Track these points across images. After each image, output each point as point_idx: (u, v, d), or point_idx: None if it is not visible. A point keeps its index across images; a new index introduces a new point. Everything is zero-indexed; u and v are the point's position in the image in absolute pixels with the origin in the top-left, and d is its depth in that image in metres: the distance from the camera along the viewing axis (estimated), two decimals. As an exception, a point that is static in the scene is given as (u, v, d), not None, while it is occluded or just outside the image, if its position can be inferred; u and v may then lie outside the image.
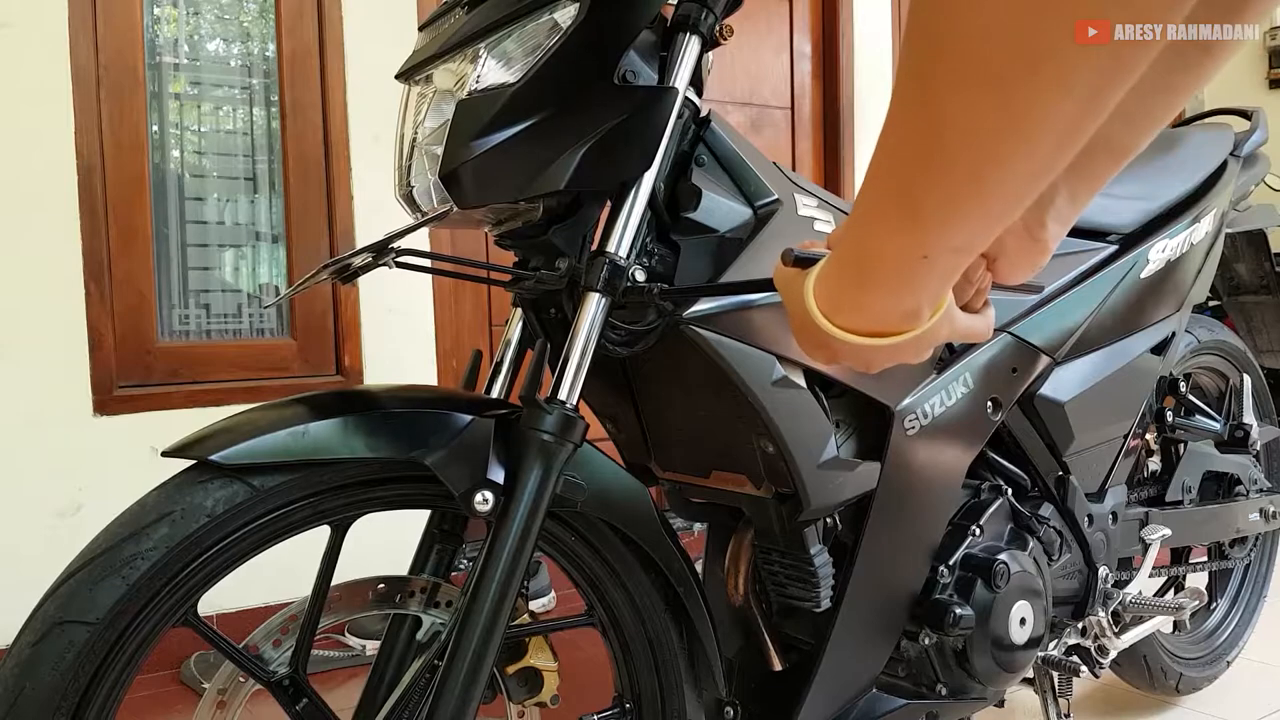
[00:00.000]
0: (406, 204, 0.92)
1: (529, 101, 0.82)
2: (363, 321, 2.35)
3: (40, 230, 1.97)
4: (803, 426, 0.96)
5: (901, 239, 0.53)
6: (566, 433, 0.83)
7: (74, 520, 1.99)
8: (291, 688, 0.84)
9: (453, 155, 0.83)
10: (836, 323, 0.61)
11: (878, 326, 0.60)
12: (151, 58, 2.14)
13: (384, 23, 2.33)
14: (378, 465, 0.82)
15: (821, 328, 0.61)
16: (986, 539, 1.15)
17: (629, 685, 0.99)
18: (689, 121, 0.93)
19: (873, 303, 0.59)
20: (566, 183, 0.84)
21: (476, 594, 0.81)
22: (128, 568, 0.73)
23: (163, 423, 2.09)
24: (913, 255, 0.53)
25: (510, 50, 0.84)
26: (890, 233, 0.53)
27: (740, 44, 3.10)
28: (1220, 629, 1.82)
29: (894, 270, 0.55)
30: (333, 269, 0.89)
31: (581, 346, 0.85)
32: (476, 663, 0.81)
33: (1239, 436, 1.66)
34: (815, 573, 1.02)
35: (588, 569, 0.95)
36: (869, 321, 0.60)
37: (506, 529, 0.82)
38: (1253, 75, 4.23)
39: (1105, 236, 1.31)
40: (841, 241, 0.59)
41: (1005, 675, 1.14)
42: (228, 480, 0.76)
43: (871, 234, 0.55)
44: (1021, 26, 0.40)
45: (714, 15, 0.89)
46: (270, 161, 2.29)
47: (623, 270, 0.86)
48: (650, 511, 0.94)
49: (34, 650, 0.70)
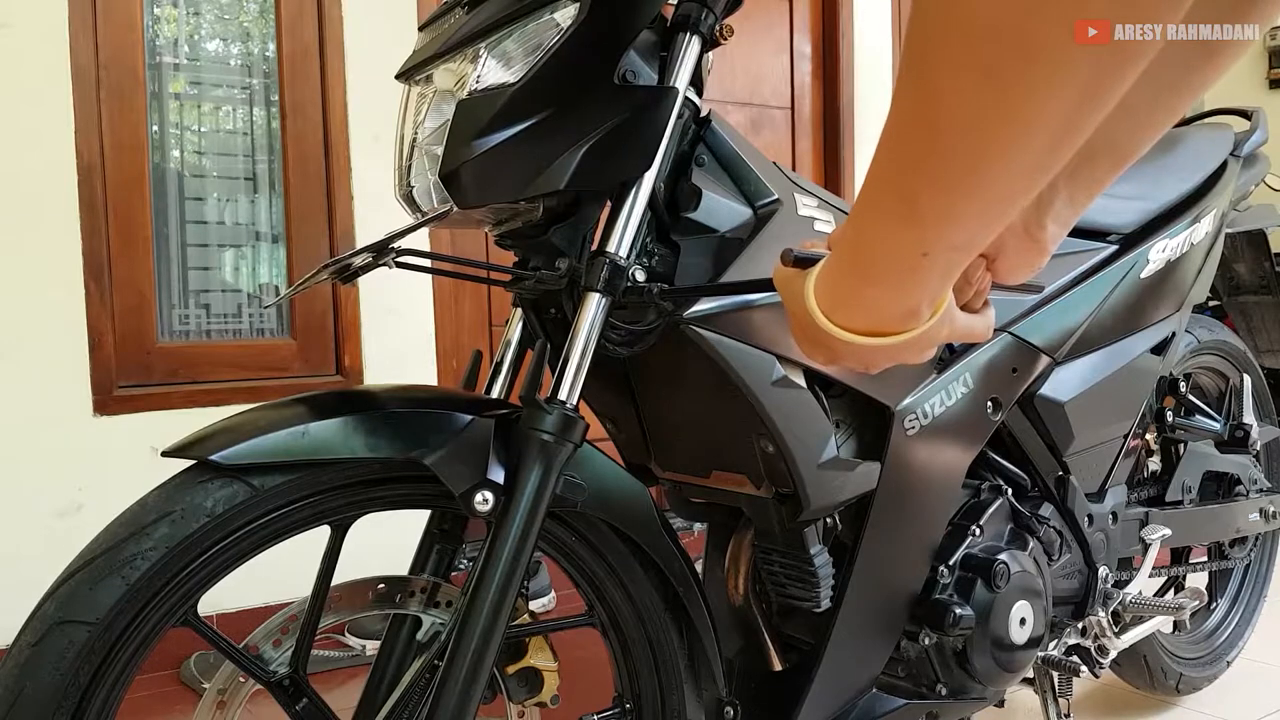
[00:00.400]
0: (406, 204, 0.92)
1: (529, 101, 0.82)
2: (363, 321, 2.35)
3: (40, 230, 1.97)
4: (803, 426, 0.96)
5: (901, 235, 0.53)
6: (567, 433, 0.83)
7: (74, 520, 1.99)
8: (291, 688, 0.84)
9: (453, 155, 0.83)
10: (836, 321, 0.60)
11: (877, 325, 0.60)
12: (151, 58, 2.14)
13: (384, 23, 2.33)
14: (378, 465, 0.82)
15: (821, 326, 0.61)
16: (986, 539, 1.15)
17: (629, 685, 0.99)
18: (689, 121, 0.93)
19: (872, 300, 0.59)
20: (567, 183, 0.83)
21: (476, 594, 0.81)
22: (128, 568, 0.73)
23: (163, 423, 2.09)
24: (912, 252, 0.53)
25: (510, 50, 0.84)
26: (890, 229, 0.53)
27: (740, 44, 3.10)
28: (1220, 629, 1.82)
29: (893, 267, 0.55)
30: (333, 269, 0.89)
31: (581, 347, 0.85)
32: (477, 663, 0.81)
33: (1239, 437, 1.66)
34: (815, 573, 1.02)
35: (588, 569, 0.95)
36: (868, 320, 0.60)
37: (506, 529, 0.82)
38: (1253, 75, 4.23)
39: (1105, 236, 1.31)
40: (841, 239, 0.59)
41: (1005, 675, 1.14)
42: (228, 480, 0.76)
43: (871, 230, 0.55)
44: (1019, 19, 0.40)
45: (714, 15, 0.89)
46: (270, 161, 2.29)
47: (623, 270, 0.86)
48: (650, 511, 0.94)
49: (34, 650, 0.70)
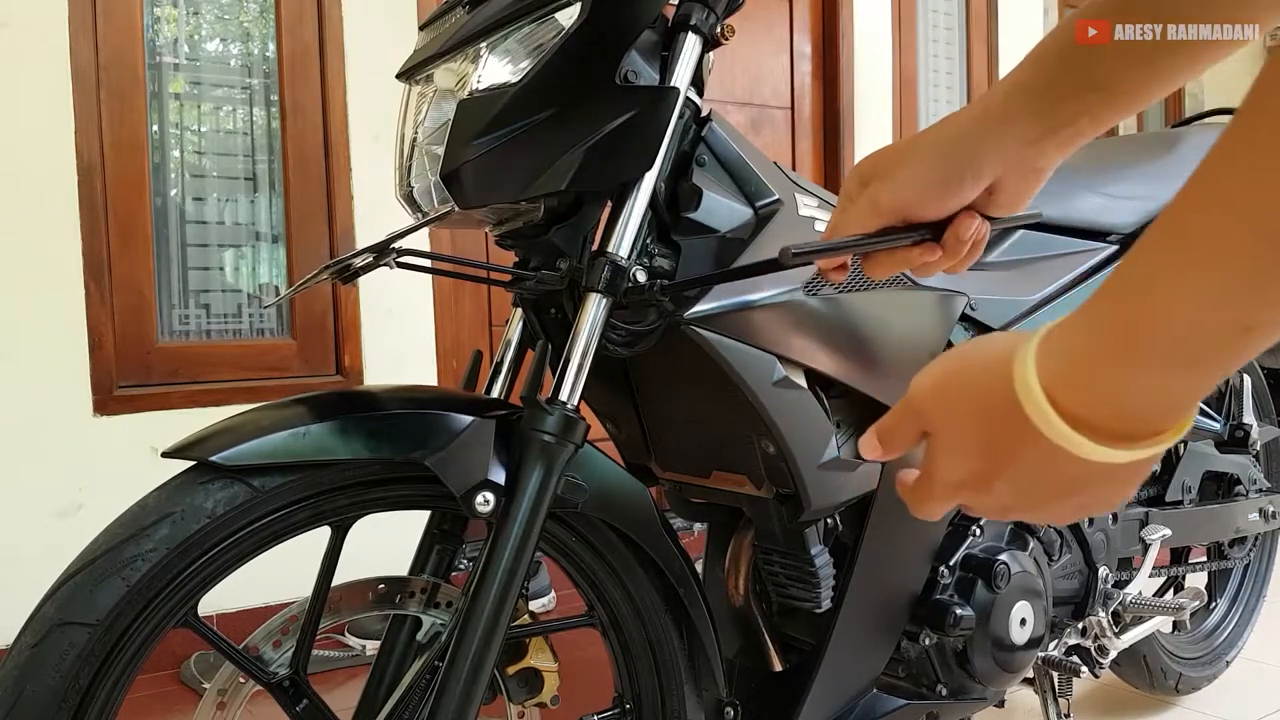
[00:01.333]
0: (407, 204, 0.92)
1: (530, 101, 0.82)
2: (363, 322, 2.35)
3: (40, 230, 1.97)
4: (804, 427, 0.95)
5: (1239, 299, 0.38)
6: (568, 434, 0.83)
7: (74, 520, 1.99)
8: (292, 689, 0.83)
9: (454, 155, 0.83)
10: (1068, 408, 0.43)
11: (1127, 424, 0.42)
12: (151, 58, 2.14)
13: (384, 23, 2.33)
14: (378, 466, 0.82)
15: (1037, 418, 0.43)
16: (987, 539, 1.15)
17: (629, 686, 0.99)
18: (690, 121, 0.93)
19: (1145, 383, 0.41)
20: (568, 183, 0.83)
21: (478, 595, 0.81)
22: (128, 569, 0.72)
23: (163, 423, 2.09)
24: (1235, 325, 0.38)
25: (512, 50, 0.84)
26: (1226, 290, 0.38)
27: (740, 44, 3.10)
28: (1220, 629, 1.82)
29: (1208, 345, 0.39)
30: (333, 269, 0.89)
31: (583, 347, 0.85)
32: (478, 663, 0.80)
33: (1239, 437, 1.66)
34: (816, 573, 1.02)
35: (588, 569, 0.95)
36: (1117, 415, 0.42)
37: (508, 530, 0.81)
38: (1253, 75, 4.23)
39: (1105, 237, 1.31)
40: (1111, 300, 0.42)
41: (1005, 675, 1.14)
42: (228, 481, 0.76)
43: (1187, 292, 0.39)
44: None
45: (715, 15, 0.89)
46: (270, 161, 2.29)
47: (624, 271, 0.86)
48: (651, 512, 0.94)
49: (34, 652, 0.70)
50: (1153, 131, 1.76)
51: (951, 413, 0.47)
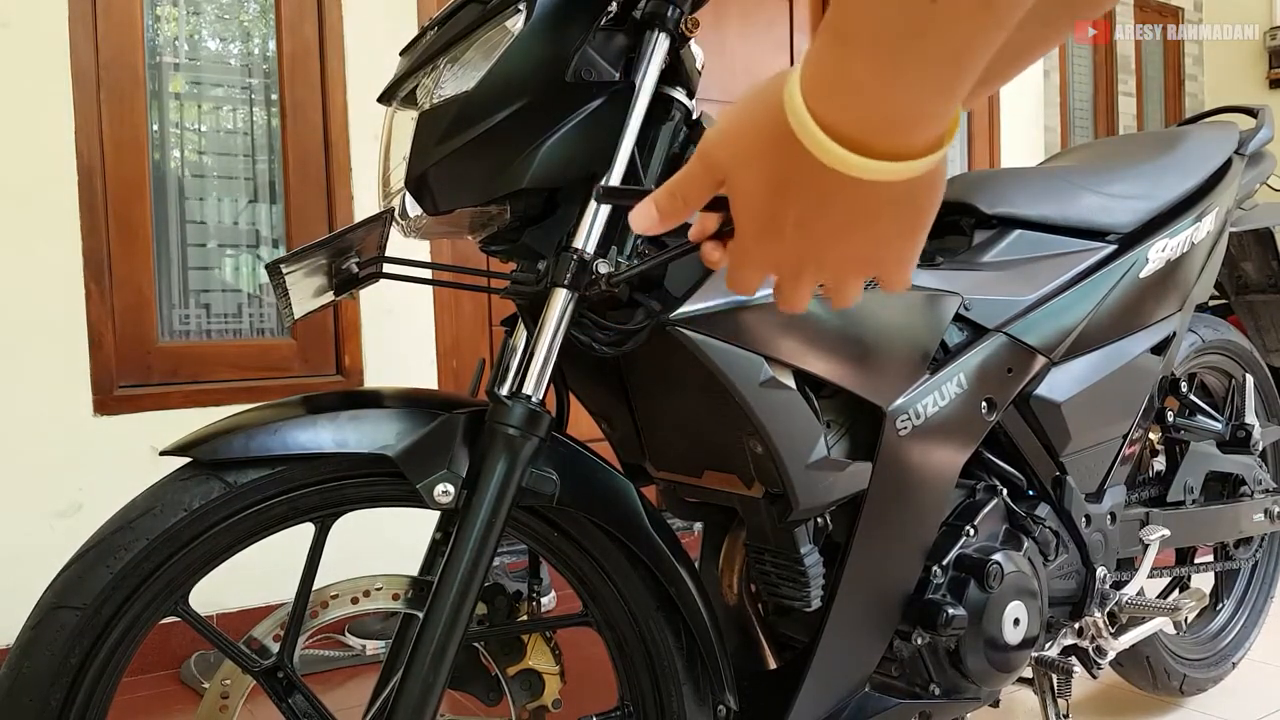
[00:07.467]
0: (400, 219, 0.94)
1: (483, 105, 0.84)
2: (363, 322, 2.35)
3: (40, 230, 1.97)
4: (791, 427, 0.95)
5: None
6: (532, 426, 0.84)
7: (74, 520, 2.00)
8: (283, 680, 0.85)
9: (417, 162, 0.86)
10: (823, 119, 0.43)
11: (874, 128, 0.43)
12: (151, 57, 2.15)
13: (384, 23, 2.33)
14: (348, 462, 0.84)
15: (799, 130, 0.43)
16: (981, 539, 1.14)
17: (628, 685, 0.99)
18: (680, 124, 0.93)
19: (863, 82, 0.42)
20: (527, 181, 0.85)
21: (441, 586, 0.82)
22: (112, 558, 0.78)
23: (163, 423, 2.10)
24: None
25: (468, 60, 0.86)
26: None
27: (740, 43, 3.09)
28: (1226, 630, 1.80)
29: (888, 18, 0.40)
30: (336, 281, 0.91)
31: (548, 342, 0.86)
32: (439, 654, 0.82)
33: (1240, 437, 1.64)
34: (805, 572, 1.01)
35: (575, 566, 0.95)
36: (861, 116, 0.42)
37: (470, 521, 0.83)
38: (1253, 75, 4.19)
39: (1104, 236, 1.30)
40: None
41: (999, 675, 1.13)
42: (205, 477, 0.79)
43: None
44: None
45: (680, 10, 0.89)
46: (270, 161, 2.30)
47: (588, 266, 0.86)
48: (635, 507, 0.94)
49: (32, 634, 0.77)
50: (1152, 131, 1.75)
51: (738, 154, 0.47)
